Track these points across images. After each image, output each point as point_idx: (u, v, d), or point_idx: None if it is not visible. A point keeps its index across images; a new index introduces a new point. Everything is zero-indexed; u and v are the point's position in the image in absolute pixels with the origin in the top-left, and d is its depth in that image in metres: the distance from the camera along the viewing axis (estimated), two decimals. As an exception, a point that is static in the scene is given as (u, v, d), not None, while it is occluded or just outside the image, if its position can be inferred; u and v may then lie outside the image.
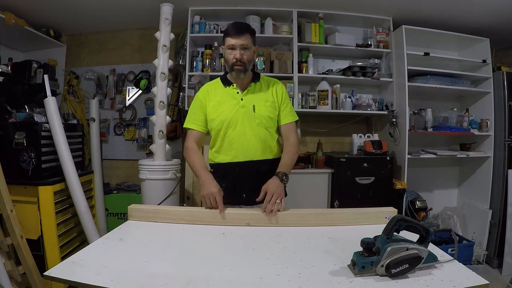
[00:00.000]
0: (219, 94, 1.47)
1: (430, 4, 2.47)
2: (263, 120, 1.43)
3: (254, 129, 1.42)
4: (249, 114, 1.42)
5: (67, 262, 0.85)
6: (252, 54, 1.42)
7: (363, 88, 2.99)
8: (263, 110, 1.43)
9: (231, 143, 1.43)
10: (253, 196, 1.34)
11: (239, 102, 1.44)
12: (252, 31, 1.44)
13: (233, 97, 1.45)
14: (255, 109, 1.43)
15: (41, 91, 2.38)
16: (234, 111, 1.42)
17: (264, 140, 1.44)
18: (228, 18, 2.77)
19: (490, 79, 2.79)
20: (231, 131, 1.42)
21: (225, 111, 1.43)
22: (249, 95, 1.45)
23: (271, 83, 1.52)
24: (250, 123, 1.42)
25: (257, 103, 1.44)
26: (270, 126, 1.46)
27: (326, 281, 0.77)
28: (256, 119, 1.42)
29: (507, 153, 2.65)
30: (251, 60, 1.43)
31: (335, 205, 2.49)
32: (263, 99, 1.46)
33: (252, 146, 1.42)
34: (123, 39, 3.09)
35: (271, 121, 1.46)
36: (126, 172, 3.07)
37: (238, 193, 1.44)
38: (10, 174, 1.89)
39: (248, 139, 1.42)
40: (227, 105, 1.44)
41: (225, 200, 1.36)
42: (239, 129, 1.42)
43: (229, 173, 1.46)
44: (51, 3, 2.47)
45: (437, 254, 0.86)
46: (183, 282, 0.75)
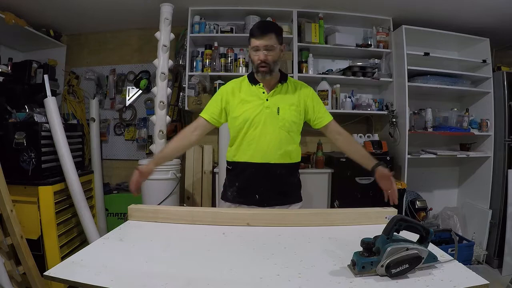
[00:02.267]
0: (244, 92, 1.43)
1: (430, 4, 2.47)
2: (286, 124, 1.40)
3: (275, 131, 1.39)
4: (272, 116, 1.39)
5: (67, 262, 0.84)
6: (277, 54, 1.36)
7: (363, 88, 2.99)
8: (287, 113, 1.40)
9: (250, 143, 1.40)
10: (265, 197, 1.37)
11: (264, 102, 1.40)
12: (277, 30, 1.37)
13: (259, 97, 1.41)
14: (280, 111, 1.39)
15: (41, 91, 2.38)
16: (258, 111, 1.39)
17: (284, 143, 1.41)
18: (228, 18, 2.77)
19: (490, 79, 2.79)
20: (252, 130, 1.39)
21: (249, 110, 1.39)
22: (275, 96, 1.41)
23: (299, 86, 1.48)
24: (272, 125, 1.39)
25: (282, 106, 1.40)
26: (292, 130, 1.42)
27: (326, 281, 0.77)
28: (279, 121, 1.39)
29: (507, 153, 2.65)
30: (277, 60, 1.37)
31: (335, 205, 2.49)
32: (288, 102, 1.42)
33: (271, 148, 1.39)
34: (123, 39, 3.09)
35: (294, 126, 1.42)
36: (126, 172, 3.06)
37: (251, 194, 1.42)
38: (10, 174, 1.89)
39: (268, 141, 1.39)
40: (251, 104, 1.40)
41: (238, 199, 1.40)
42: (260, 129, 1.39)
43: (244, 173, 1.43)
44: (51, 3, 2.47)
45: (437, 254, 0.86)
46: (183, 282, 0.75)
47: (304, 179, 2.53)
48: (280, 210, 1.23)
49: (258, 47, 1.33)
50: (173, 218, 1.19)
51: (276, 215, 1.20)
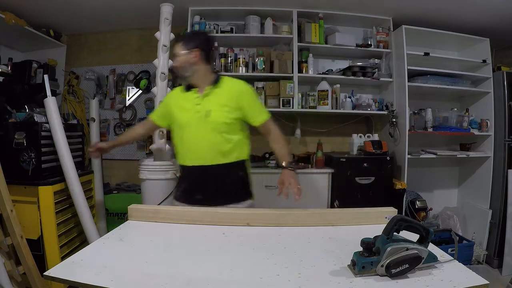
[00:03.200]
0: (181, 99, 1.52)
1: (430, 4, 2.47)
2: (217, 126, 1.42)
3: (207, 134, 1.42)
4: (202, 119, 1.42)
5: (67, 262, 0.84)
6: (185, 59, 1.43)
7: (363, 88, 2.99)
8: (218, 115, 1.42)
9: (187, 147, 1.48)
10: (207, 198, 1.44)
11: (195, 106, 1.45)
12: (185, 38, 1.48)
13: (192, 102, 1.46)
14: (211, 114, 1.42)
15: (41, 91, 2.38)
16: (190, 115, 1.45)
17: (217, 145, 1.44)
18: (228, 18, 2.77)
19: (490, 79, 2.79)
20: (186, 135, 1.46)
21: (183, 116, 1.47)
22: (206, 99, 1.45)
23: (233, 86, 1.49)
24: (203, 128, 1.42)
25: (213, 108, 1.43)
26: (225, 131, 1.44)
27: (326, 281, 0.77)
28: (210, 124, 1.42)
29: (507, 153, 2.65)
30: (186, 66, 1.44)
31: (335, 205, 2.48)
32: (220, 103, 1.44)
33: (204, 151, 1.44)
34: (123, 39, 3.09)
35: (226, 127, 1.43)
36: (126, 172, 3.07)
37: (193, 194, 1.48)
38: (10, 174, 1.89)
39: (200, 144, 1.44)
40: (185, 109, 1.47)
41: (183, 199, 1.51)
42: (192, 133, 1.45)
43: (188, 175, 1.52)
44: (51, 3, 2.47)
45: (437, 254, 0.86)
46: (183, 282, 0.75)
47: (304, 179, 2.56)
48: (280, 210, 1.23)
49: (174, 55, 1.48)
50: (173, 218, 1.19)
51: (276, 215, 1.20)
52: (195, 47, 1.44)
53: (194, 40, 1.46)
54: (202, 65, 1.46)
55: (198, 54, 1.44)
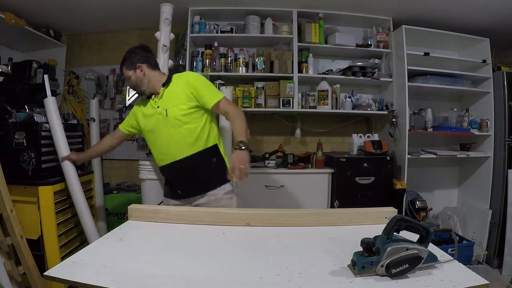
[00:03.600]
0: (143, 108, 1.63)
1: (430, 4, 2.47)
2: (176, 121, 1.51)
3: (169, 131, 1.52)
4: (163, 119, 1.53)
5: (67, 262, 0.84)
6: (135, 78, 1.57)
7: (363, 88, 2.99)
8: (174, 111, 1.51)
9: (157, 149, 1.59)
10: (187, 190, 1.56)
11: (156, 110, 1.55)
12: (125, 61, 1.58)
13: (152, 107, 1.57)
14: (168, 112, 1.52)
15: (41, 91, 2.37)
16: (154, 120, 1.56)
17: (181, 139, 1.52)
18: (228, 18, 2.77)
19: (490, 79, 2.79)
20: (155, 137, 1.58)
21: (148, 122, 1.59)
22: (162, 100, 1.55)
23: (180, 79, 1.57)
24: (166, 127, 1.53)
25: (169, 106, 1.52)
26: (187, 122, 1.51)
27: (326, 281, 0.76)
28: (169, 121, 1.52)
29: (507, 153, 2.65)
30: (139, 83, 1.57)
31: (335, 205, 2.48)
32: (174, 100, 1.53)
33: (171, 147, 1.53)
34: (123, 39, 3.09)
35: (186, 118, 1.51)
36: (126, 172, 3.07)
37: (175, 190, 1.60)
38: (10, 174, 1.89)
39: (166, 142, 1.54)
40: (148, 115, 1.59)
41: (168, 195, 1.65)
42: (158, 135, 1.56)
43: (166, 174, 1.65)
44: (51, 3, 2.47)
45: (437, 254, 0.86)
46: (183, 282, 0.75)
47: (304, 179, 2.56)
48: (280, 210, 1.23)
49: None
50: (173, 218, 1.19)
51: (276, 215, 1.20)
52: (136, 63, 1.56)
53: (132, 58, 1.57)
54: (150, 73, 1.58)
55: (142, 67, 1.57)
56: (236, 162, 1.30)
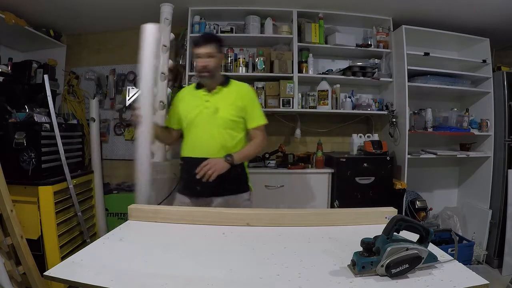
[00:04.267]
0: (189, 96, 1.64)
1: (430, 4, 2.47)
2: (224, 122, 1.54)
3: (214, 129, 1.54)
4: (211, 115, 1.55)
5: (67, 262, 0.84)
6: (217, 61, 1.56)
7: (363, 88, 2.99)
8: (226, 112, 1.55)
9: (193, 140, 1.59)
10: (207, 189, 1.51)
11: (204, 103, 1.57)
12: (217, 40, 1.57)
13: (200, 99, 1.59)
14: (218, 111, 1.54)
15: (41, 91, 2.38)
16: (198, 111, 1.56)
17: (222, 140, 1.54)
18: (228, 18, 2.77)
19: (490, 79, 2.79)
20: (194, 128, 1.58)
21: (192, 111, 1.58)
22: (215, 97, 1.58)
23: (239, 87, 1.63)
24: (211, 124, 1.54)
25: (221, 106, 1.55)
26: (231, 127, 1.56)
27: (326, 281, 0.76)
28: (218, 120, 1.54)
29: (507, 153, 2.65)
30: (217, 66, 1.57)
31: (335, 205, 2.48)
32: (228, 102, 1.56)
33: (210, 144, 1.54)
34: (123, 39, 3.09)
35: (233, 124, 1.56)
36: (126, 172, 3.06)
37: (193, 185, 1.55)
38: (10, 174, 1.89)
39: (207, 137, 1.55)
40: (193, 105, 1.59)
41: (184, 191, 1.61)
42: (200, 127, 1.56)
43: (188, 166, 1.59)
44: (51, 3, 2.47)
45: (437, 254, 0.86)
46: (183, 282, 0.75)
47: (304, 179, 2.56)
48: (280, 210, 1.23)
49: (200, 55, 1.52)
50: (173, 218, 1.19)
51: (276, 215, 1.20)
52: (221, 51, 1.60)
53: (220, 43, 1.59)
54: (220, 66, 1.63)
55: (222, 56, 1.61)
56: (211, 163, 1.43)
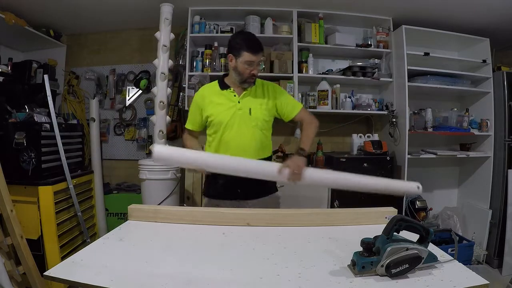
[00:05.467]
0: (216, 97, 1.54)
1: (430, 4, 2.47)
2: (259, 123, 1.51)
3: (250, 131, 1.50)
4: (245, 117, 1.50)
5: (67, 262, 0.84)
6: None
7: (363, 88, 2.99)
8: (259, 113, 1.52)
9: (227, 144, 1.50)
10: (247, 191, 1.49)
11: (236, 105, 1.51)
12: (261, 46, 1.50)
13: (231, 100, 1.52)
14: (251, 112, 1.50)
15: (41, 91, 2.38)
16: (231, 113, 1.50)
17: (259, 141, 1.52)
18: (228, 18, 2.77)
19: (490, 79, 2.79)
20: (228, 132, 1.50)
21: (223, 114, 1.50)
22: (246, 98, 1.52)
23: (265, 86, 1.59)
24: (246, 125, 1.50)
25: (253, 106, 1.51)
26: (265, 128, 1.54)
27: (326, 281, 0.77)
28: (252, 121, 1.50)
29: (507, 153, 2.65)
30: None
31: (335, 205, 2.48)
32: (258, 102, 1.53)
33: (247, 147, 1.50)
34: (123, 39, 3.09)
35: (266, 124, 1.54)
36: (126, 172, 3.06)
37: (234, 189, 1.50)
38: (10, 174, 1.89)
39: (243, 140, 1.50)
40: (224, 107, 1.51)
41: (222, 195, 1.53)
42: (235, 130, 1.49)
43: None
44: (51, 3, 2.47)
45: (437, 254, 0.86)
46: (183, 282, 0.75)
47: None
48: (280, 210, 1.24)
49: (253, 63, 1.44)
50: (173, 218, 1.19)
51: (276, 215, 1.20)
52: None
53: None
54: None
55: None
56: (292, 165, 1.30)
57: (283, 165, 1.29)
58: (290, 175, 1.27)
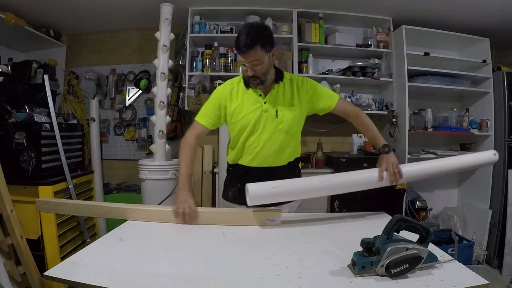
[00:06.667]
0: (240, 96, 1.38)
1: (430, 4, 2.47)
2: (286, 126, 1.36)
3: (275, 135, 1.36)
4: (271, 119, 1.35)
5: (67, 262, 0.84)
6: (266, 65, 1.26)
7: (363, 88, 2.99)
8: (286, 114, 1.36)
9: (251, 149, 1.38)
10: None
11: (262, 105, 1.35)
12: (263, 40, 1.22)
13: (256, 100, 1.36)
14: (278, 114, 1.35)
15: (41, 91, 2.38)
16: (257, 115, 1.35)
17: (284, 146, 1.38)
18: (228, 18, 2.77)
19: (490, 79, 2.79)
20: (252, 136, 1.37)
21: (248, 116, 1.35)
22: (273, 98, 1.36)
23: (294, 81, 1.40)
24: (271, 129, 1.35)
25: (280, 107, 1.35)
26: (293, 130, 1.39)
27: (326, 281, 0.77)
28: (278, 124, 1.35)
29: (507, 153, 2.65)
30: (267, 70, 1.29)
31: (335, 205, 2.48)
32: (287, 102, 1.37)
33: (272, 153, 1.37)
34: (123, 39, 3.09)
35: (294, 125, 1.39)
36: (126, 172, 3.07)
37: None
38: (10, 174, 1.89)
39: (268, 146, 1.36)
40: (249, 108, 1.35)
41: (239, 200, 1.36)
42: (260, 135, 1.36)
43: (246, 175, 1.40)
44: (51, 3, 2.47)
45: (437, 254, 0.86)
46: (183, 282, 0.75)
47: (304, 179, 2.55)
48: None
49: (244, 63, 1.25)
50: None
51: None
52: (273, 45, 1.27)
53: (270, 37, 1.26)
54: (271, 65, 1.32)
55: (274, 52, 1.30)
56: (390, 166, 1.25)
57: (379, 169, 1.25)
58: (391, 177, 1.23)
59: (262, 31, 1.25)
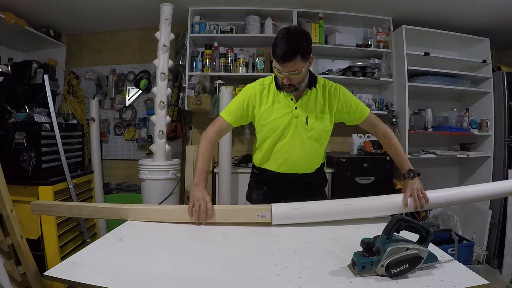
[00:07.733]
0: (271, 99, 1.34)
1: (430, 4, 2.48)
2: (315, 134, 1.33)
3: (304, 142, 1.33)
4: (301, 126, 1.32)
5: (67, 262, 0.84)
6: (303, 75, 1.22)
7: (363, 88, 2.99)
8: (317, 122, 1.32)
9: (278, 154, 1.36)
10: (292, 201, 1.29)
11: (292, 111, 1.31)
12: (303, 50, 1.16)
13: (287, 105, 1.32)
14: (308, 121, 1.32)
15: (41, 91, 2.38)
16: (287, 120, 1.31)
17: (310, 154, 1.37)
18: (228, 18, 2.77)
19: (490, 79, 2.79)
20: (281, 141, 1.34)
21: (277, 120, 1.31)
22: (304, 103, 1.32)
23: (327, 88, 1.36)
24: (300, 136, 1.32)
25: (311, 114, 1.32)
26: (321, 138, 1.37)
27: (326, 281, 0.77)
28: (308, 131, 1.32)
29: (507, 153, 2.65)
30: (303, 79, 1.25)
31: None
32: (318, 109, 1.33)
33: (299, 161, 1.35)
34: (123, 39, 3.09)
35: (324, 133, 1.37)
36: (126, 172, 3.07)
37: (277, 199, 1.31)
38: (10, 174, 1.89)
39: (296, 153, 1.34)
40: (279, 112, 1.32)
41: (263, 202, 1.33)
42: (288, 141, 1.33)
43: (271, 180, 1.40)
44: (51, 3, 2.47)
45: (437, 254, 0.86)
46: (183, 282, 0.75)
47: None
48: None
49: (281, 72, 1.20)
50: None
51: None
52: (310, 53, 1.20)
53: (308, 45, 1.18)
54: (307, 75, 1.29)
55: (312, 59, 1.25)
56: (415, 192, 1.26)
57: (404, 195, 1.24)
58: (416, 202, 1.23)
59: (303, 40, 1.17)
